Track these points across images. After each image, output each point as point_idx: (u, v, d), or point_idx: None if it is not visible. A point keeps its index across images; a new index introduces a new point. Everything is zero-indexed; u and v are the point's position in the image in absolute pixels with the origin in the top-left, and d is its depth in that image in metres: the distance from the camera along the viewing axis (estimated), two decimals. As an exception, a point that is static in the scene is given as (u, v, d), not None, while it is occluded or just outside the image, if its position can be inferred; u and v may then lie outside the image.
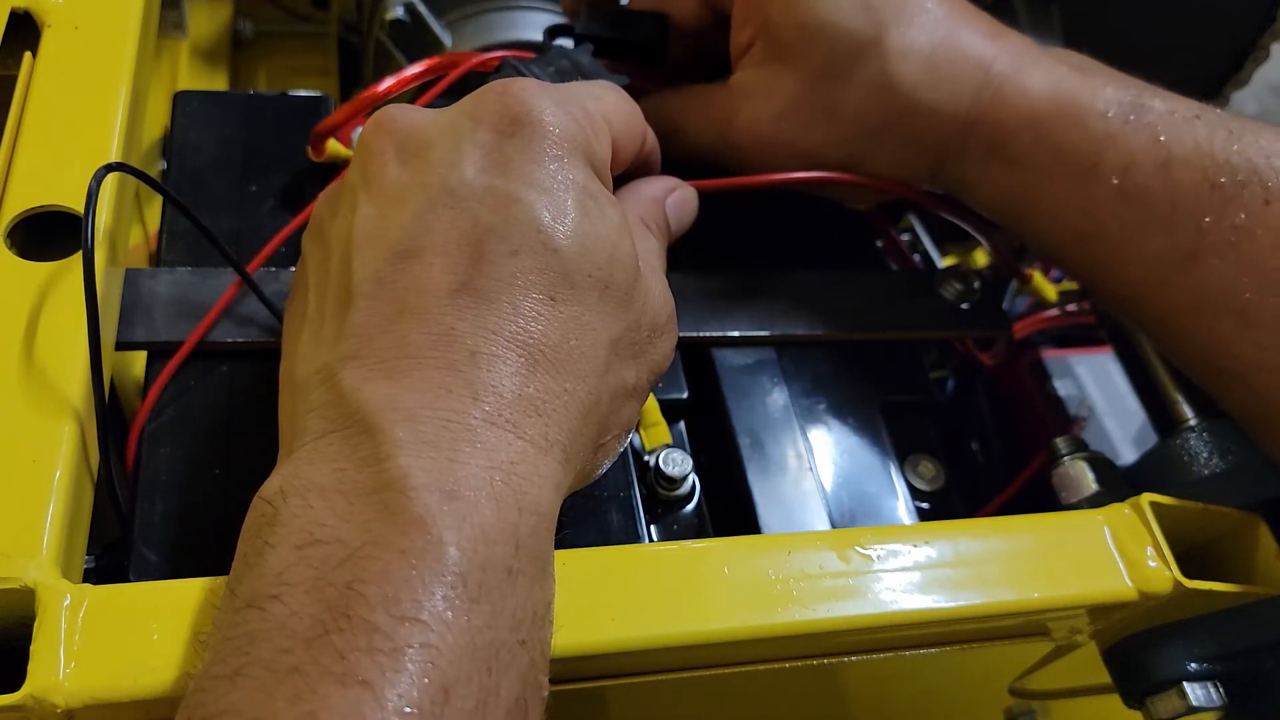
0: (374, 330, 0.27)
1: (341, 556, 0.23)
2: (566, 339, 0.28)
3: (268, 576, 0.23)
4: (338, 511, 0.24)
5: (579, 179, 0.30)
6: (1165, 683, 0.36)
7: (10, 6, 0.38)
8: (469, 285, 0.27)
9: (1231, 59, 0.59)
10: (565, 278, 0.28)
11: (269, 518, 0.25)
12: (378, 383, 0.26)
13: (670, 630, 0.29)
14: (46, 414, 0.30)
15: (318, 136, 0.41)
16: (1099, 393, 0.55)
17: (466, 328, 0.26)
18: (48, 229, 0.33)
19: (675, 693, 0.33)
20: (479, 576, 0.23)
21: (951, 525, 0.34)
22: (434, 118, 0.31)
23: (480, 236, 0.28)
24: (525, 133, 0.30)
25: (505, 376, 0.26)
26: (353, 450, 0.25)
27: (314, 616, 0.22)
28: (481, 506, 0.24)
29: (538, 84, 0.31)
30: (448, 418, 0.25)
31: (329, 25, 0.73)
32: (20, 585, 0.26)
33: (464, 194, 0.28)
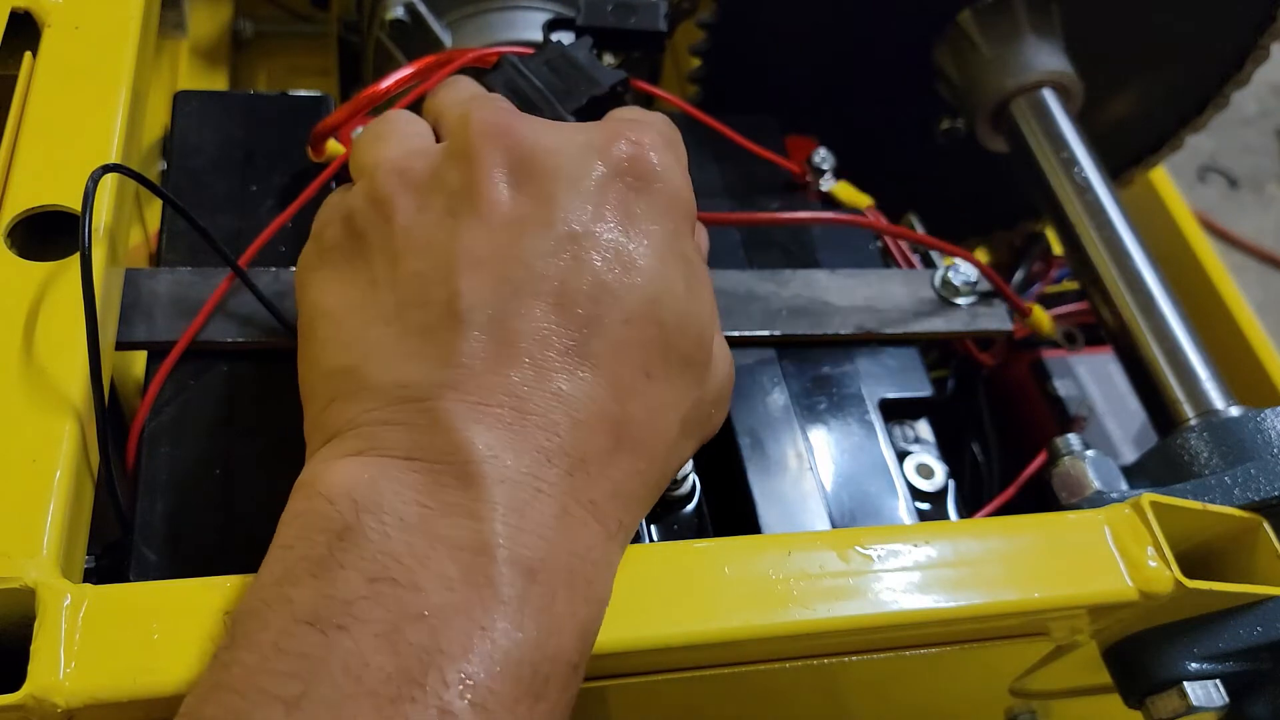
0: (481, 368, 0.26)
1: (419, 610, 0.22)
2: (651, 418, 0.27)
3: (336, 602, 0.22)
4: (417, 554, 0.23)
5: (688, 252, 0.29)
6: (1165, 683, 0.36)
7: (10, 6, 0.38)
8: (581, 348, 0.26)
9: (1231, 59, 0.59)
10: (663, 354, 0.28)
11: (338, 527, 0.24)
12: (480, 429, 0.25)
13: (670, 630, 0.29)
14: (46, 414, 0.30)
15: (318, 136, 0.41)
16: (1099, 393, 0.55)
17: (572, 393, 0.26)
18: (48, 229, 0.33)
19: (675, 693, 0.33)
20: (547, 670, 0.23)
21: (951, 525, 0.34)
22: (558, 141, 0.29)
23: (598, 295, 0.27)
24: (653, 192, 0.29)
25: (596, 454, 0.26)
26: (440, 490, 0.24)
27: (386, 672, 0.21)
28: (558, 596, 0.24)
29: (663, 136, 0.30)
30: (542, 489, 0.25)
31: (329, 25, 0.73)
32: (20, 585, 0.26)
33: (588, 245, 0.27)
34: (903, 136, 0.61)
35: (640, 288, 0.27)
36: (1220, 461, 0.39)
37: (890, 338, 0.45)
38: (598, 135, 0.30)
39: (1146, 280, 0.46)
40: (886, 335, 0.44)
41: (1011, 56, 0.52)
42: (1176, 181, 0.71)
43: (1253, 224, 1.59)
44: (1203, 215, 1.51)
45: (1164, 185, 0.70)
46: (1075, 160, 0.50)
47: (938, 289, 0.46)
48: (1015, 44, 0.53)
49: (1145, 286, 0.45)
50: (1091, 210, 0.48)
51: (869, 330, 0.44)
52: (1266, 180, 1.65)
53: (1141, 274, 0.46)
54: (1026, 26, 0.53)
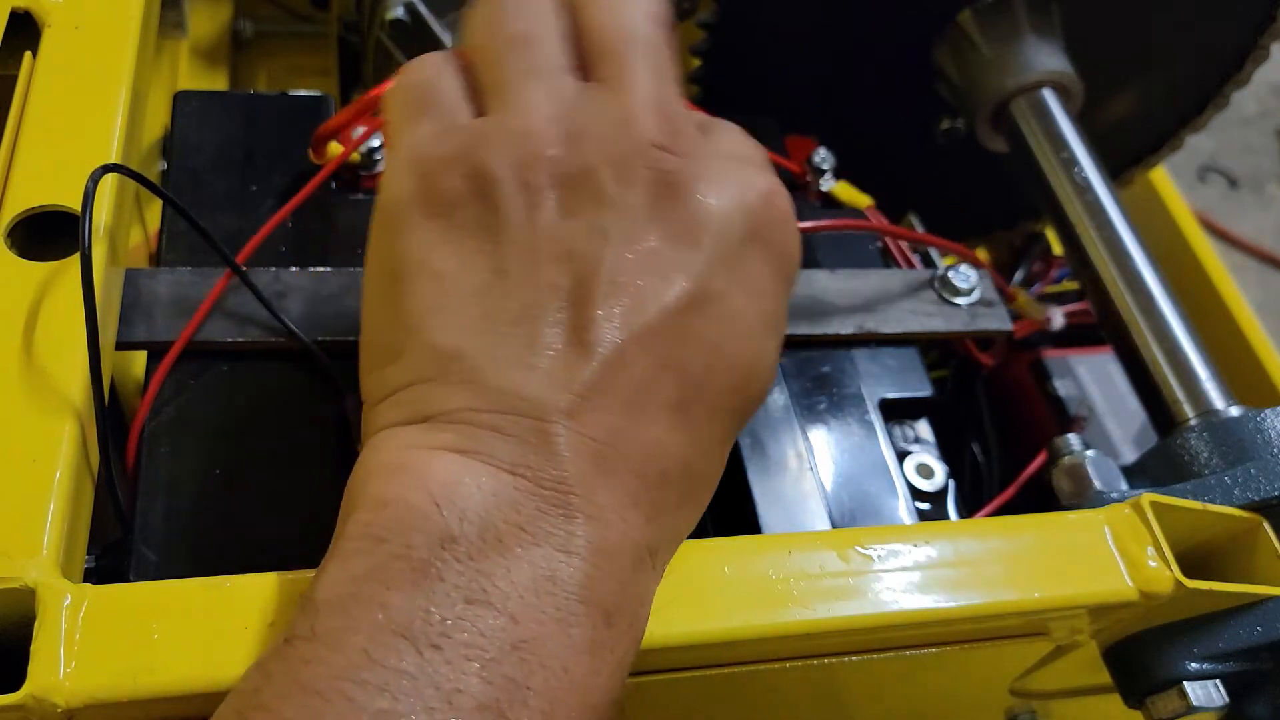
0: (595, 403, 0.25)
1: (510, 639, 0.22)
2: (713, 472, 0.28)
3: (433, 618, 0.22)
4: (514, 581, 0.23)
5: (784, 321, 0.30)
6: (1166, 683, 0.36)
7: (10, 6, 0.38)
8: (683, 406, 0.27)
9: (1231, 59, 0.59)
10: (740, 420, 0.29)
11: (440, 534, 0.23)
12: (584, 463, 0.25)
13: (670, 630, 0.29)
14: (46, 414, 0.30)
15: (319, 139, 0.41)
16: (1099, 392, 0.55)
17: (665, 446, 0.26)
18: (48, 229, 0.33)
19: (675, 693, 0.33)
20: (604, 711, 0.24)
21: (951, 525, 0.34)
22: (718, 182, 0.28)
23: (713, 360, 0.27)
24: (782, 264, 0.29)
25: (669, 505, 0.26)
26: (540, 517, 0.24)
27: (477, 700, 0.21)
28: (624, 638, 0.24)
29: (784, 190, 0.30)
30: (627, 532, 0.25)
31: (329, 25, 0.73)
32: (20, 585, 0.26)
33: (719, 306, 0.27)
34: (903, 136, 0.61)
35: (748, 362, 0.28)
36: (1220, 461, 0.39)
37: (890, 338, 0.45)
38: (750, 190, 0.29)
39: (1146, 280, 0.46)
40: (886, 335, 0.44)
41: (1011, 56, 0.52)
42: (1176, 181, 0.71)
43: (1253, 224, 1.59)
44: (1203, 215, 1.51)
45: (1164, 185, 0.70)
46: (1075, 160, 0.50)
47: (938, 289, 0.46)
48: (1015, 44, 0.53)
49: (1145, 286, 0.45)
50: (1091, 210, 0.48)
51: (869, 330, 0.44)
52: (1266, 180, 1.65)
53: (1141, 274, 0.46)
54: (1026, 26, 0.53)
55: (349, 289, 0.39)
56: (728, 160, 0.30)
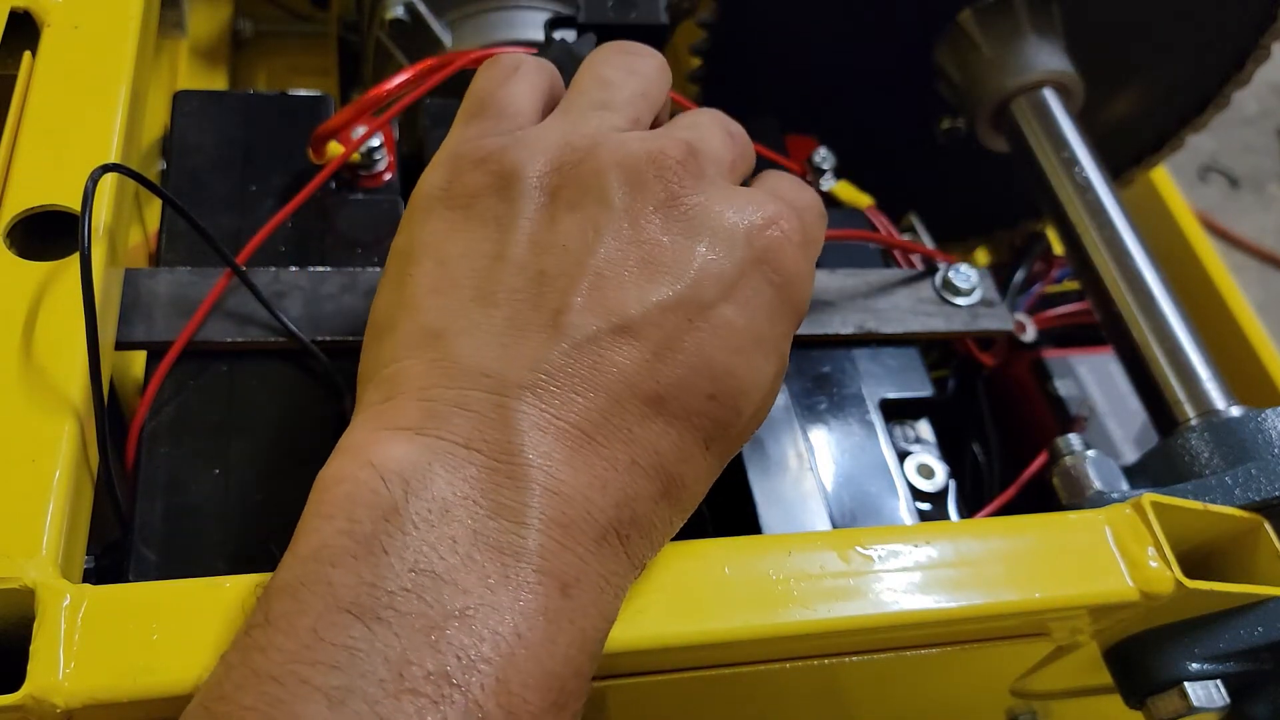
0: (562, 383, 0.26)
1: (458, 607, 0.22)
2: (697, 483, 0.28)
3: (378, 591, 0.22)
4: (461, 550, 0.23)
5: (785, 354, 0.30)
6: (1166, 683, 0.36)
7: (10, 6, 0.38)
8: (661, 402, 0.27)
9: (1232, 59, 0.59)
10: (727, 437, 0.29)
11: (385, 507, 0.23)
12: (544, 438, 0.25)
13: (670, 630, 0.29)
14: (46, 414, 0.30)
15: (319, 139, 0.41)
16: (1100, 392, 0.55)
17: (640, 438, 0.27)
18: (47, 229, 0.33)
19: (675, 693, 0.33)
20: (568, 683, 0.24)
21: (952, 525, 0.34)
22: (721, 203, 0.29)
23: (696, 363, 0.27)
24: (779, 289, 0.30)
25: (643, 498, 0.27)
26: (493, 490, 0.24)
27: (426, 670, 0.21)
28: (586, 614, 0.24)
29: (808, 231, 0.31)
30: (589, 511, 0.25)
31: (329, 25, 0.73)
32: (20, 585, 0.26)
33: (707, 315, 0.28)
34: (903, 136, 0.61)
35: (735, 373, 0.28)
36: (1221, 461, 0.39)
37: (890, 338, 0.45)
38: (758, 213, 0.30)
39: (1147, 280, 0.46)
40: (887, 335, 0.44)
41: (1012, 56, 0.52)
42: (1177, 181, 0.71)
43: (1253, 224, 1.59)
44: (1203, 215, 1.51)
45: (1165, 185, 0.70)
46: (1076, 160, 0.50)
47: (938, 289, 0.46)
48: (1016, 44, 0.53)
49: (1146, 286, 0.45)
50: (1092, 210, 0.48)
51: (869, 330, 0.44)
52: (1267, 180, 1.65)
53: (1142, 274, 0.46)
54: (1027, 26, 0.53)
55: (348, 289, 0.39)
56: (750, 191, 0.31)
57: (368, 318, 0.31)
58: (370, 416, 0.27)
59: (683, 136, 0.31)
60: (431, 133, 0.46)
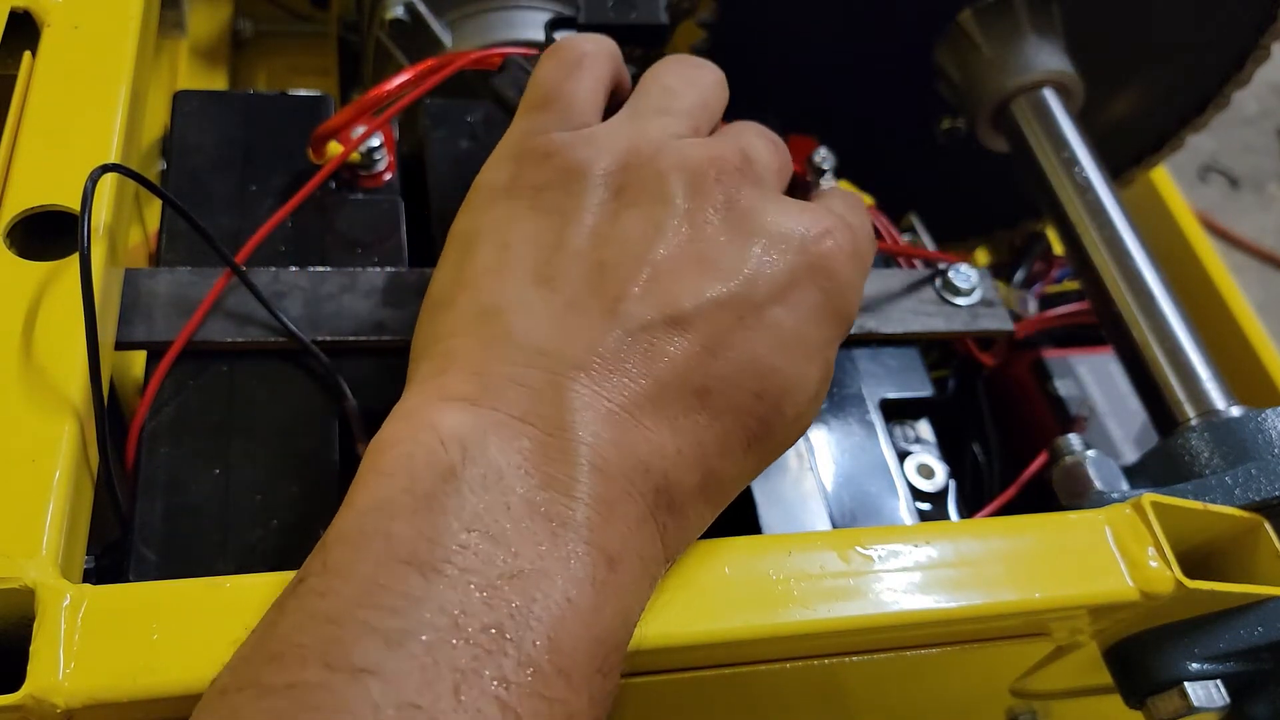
0: (614, 366, 0.27)
1: (511, 568, 0.23)
2: (733, 482, 0.29)
3: (436, 546, 0.23)
4: (514, 515, 0.24)
5: (831, 361, 0.31)
6: (1166, 683, 0.36)
7: (10, 6, 0.38)
8: (707, 394, 0.28)
9: (1232, 59, 0.59)
10: (768, 438, 0.29)
11: (443, 467, 0.24)
12: (594, 417, 0.26)
13: (670, 630, 0.29)
14: (46, 414, 0.30)
15: (319, 139, 0.41)
16: (1100, 392, 0.55)
17: (683, 427, 0.27)
18: (47, 229, 0.33)
19: (675, 693, 0.33)
20: (609, 653, 0.24)
21: (952, 525, 0.34)
22: (780, 210, 0.31)
23: (743, 361, 0.28)
24: (828, 294, 0.30)
25: (682, 489, 0.27)
26: (545, 461, 0.25)
27: (481, 623, 0.22)
28: (629, 589, 0.25)
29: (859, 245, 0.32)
30: (631, 493, 0.26)
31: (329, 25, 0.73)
32: (20, 585, 0.26)
33: (758, 316, 0.29)
34: (903, 136, 0.61)
35: (781, 373, 0.29)
36: (1221, 461, 0.39)
37: (890, 338, 0.45)
38: (815, 223, 0.31)
39: (1147, 280, 0.46)
40: (887, 335, 0.44)
41: (1012, 56, 0.52)
42: (1177, 181, 0.71)
43: (1253, 224, 1.59)
44: (1203, 215, 1.51)
45: (1165, 185, 0.70)
46: (1076, 160, 0.50)
47: (938, 289, 0.46)
48: (1016, 44, 0.53)
49: (1146, 286, 0.45)
50: (1092, 210, 0.48)
51: (869, 330, 0.44)
52: (1267, 180, 1.65)
53: (1142, 274, 0.46)
54: (1027, 26, 0.53)
55: (348, 289, 0.39)
56: (806, 203, 0.32)
57: (425, 296, 0.31)
58: (426, 388, 0.27)
59: (738, 144, 0.32)
60: (432, 132, 0.46)
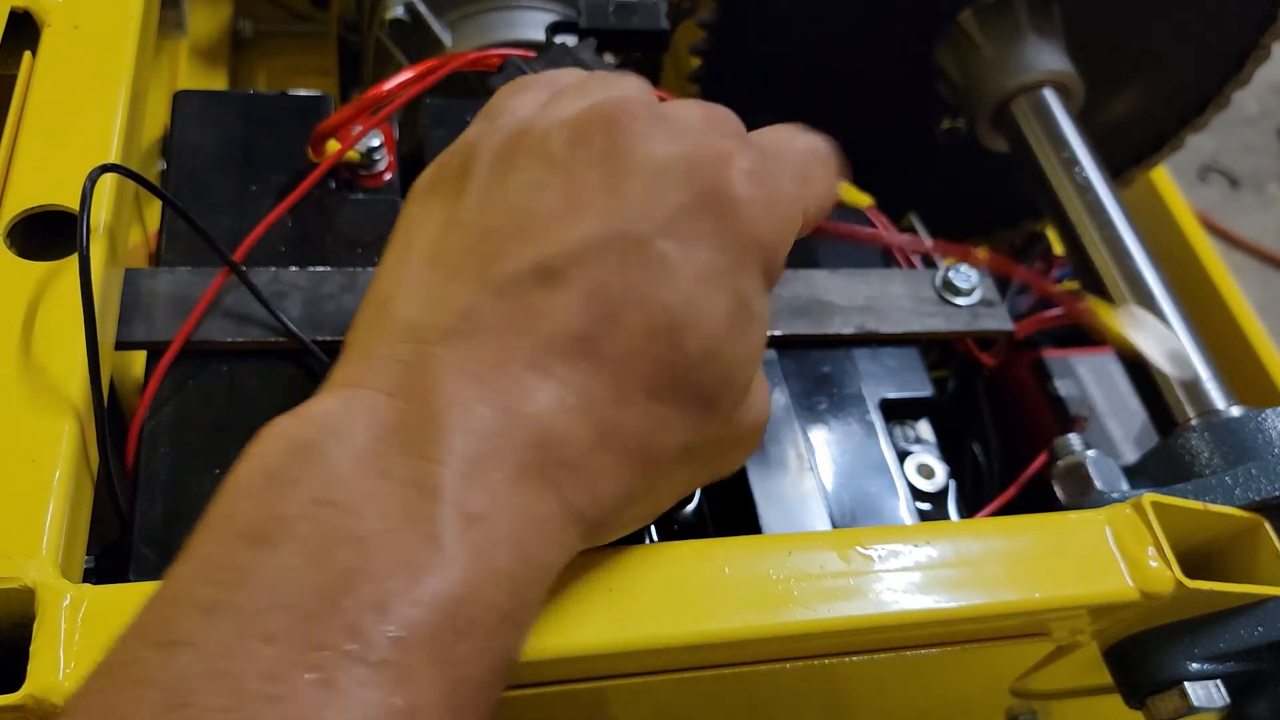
0: (484, 326, 0.26)
1: (351, 533, 0.22)
2: (646, 434, 0.27)
3: (275, 519, 0.23)
4: (365, 483, 0.23)
5: (747, 292, 0.28)
6: (1166, 683, 0.36)
7: (10, 6, 0.38)
8: (589, 340, 0.26)
9: (1232, 58, 0.59)
10: (676, 381, 0.27)
11: (299, 442, 0.24)
12: (461, 379, 0.25)
13: (670, 630, 0.29)
14: (46, 414, 0.30)
15: (318, 137, 0.41)
16: (1100, 392, 0.55)
17: (564, 377, 0.26)
18: (47, 228, 0.33)
19: (675, 693, 0.33)
20: (471, 613, 0.23)
21: (952, 525, 0.34)
22: (662, 140, 0.29)
23: (627, 299, 0.27)
24: (721, 218, 0.28)
25: (574, 441, 0.26)
26: (405, 430, 0.25)
27: (305, 589, 0.22)
28: (498, 547, 0.24)
29: (761, 159, 0.29)
30: (503, 447, 0.25)
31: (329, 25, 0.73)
32: (20, 585, 0.26)
33: (639, 249, 0.27)
34: (903, 136, 0.61)
35: (673, 307, 0.27)
36: (1221, 461, 0.39)
37: (890, 338, 0.45)
38: (701, 149, 0.29)
39: (1147, 280, 0.46)
40: (887, 335, 0.44)
41: (1012, 56, 0.52)
42: (1177, 181, 0.71)
43: (1253, 224, 1.59)
44: (1203, 215, 1.51)
45: (1165, 185, 0.70)
46: (1076, 160, 0.50)
47: (938, 289, 0.46)
48: (1016, 44, 0.53)
49: (1146, 286, 0.45)
50: (1092, 210, 0.48)
51: (869, 330, 0.44)
52: (1267, 180, 1.65)
53: (1142, 274, 0.46)
54: (1027, 26, 0.53)
55: (348, 289, 0.39)
56: (695, 128, 0.30)
57: None
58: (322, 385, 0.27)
59: (627, 90, 0.30)
60: (431, 132, 0.46)
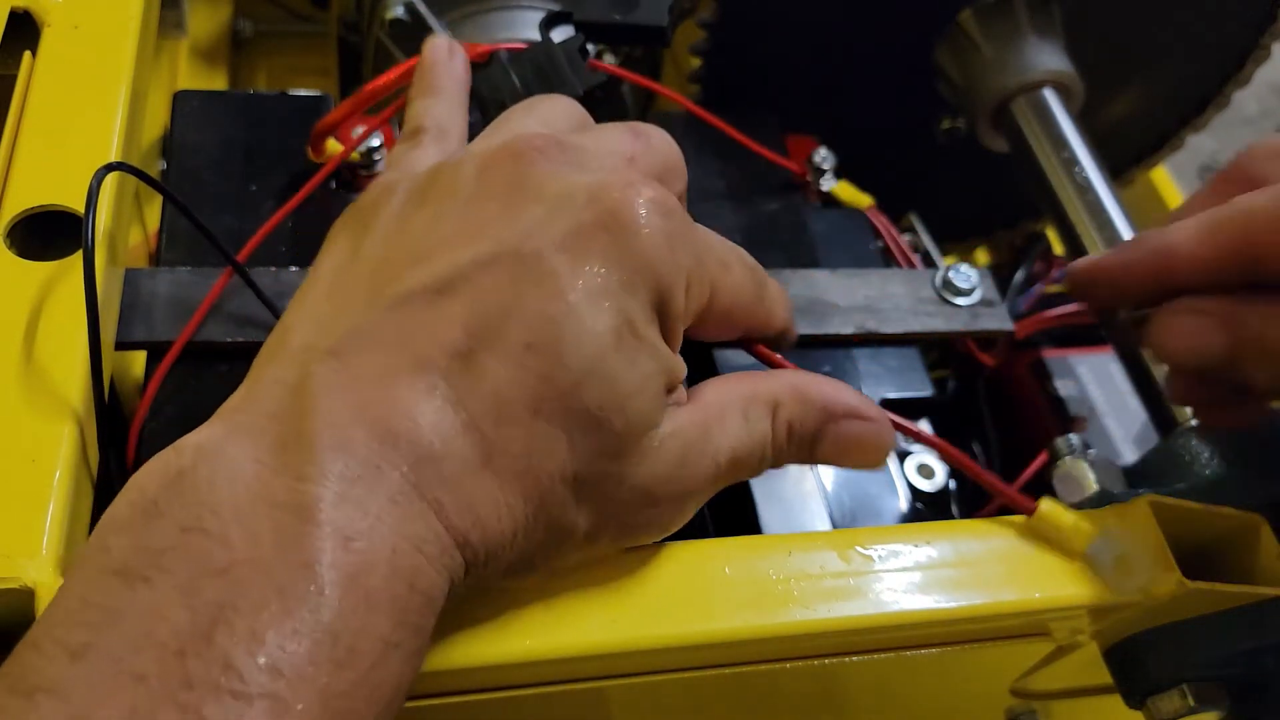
0: (366, 344, 0.26)
1: (221, 563, 0.22)
2: (529, 455, 0.26)
3: (147, 552, 0.22)
4: (238, 508, 0.23)
5: (633, 313, 0.28)
6: (1167, 683, 0.36)
7: (10, 6, 0.38)
8: (470, 354, 0.26)
9: (1232, 58, 0.59)
10: (561, 398, 0.26)
11: (173, 472, 0.24)
12: (337, 398, 0.25)
13: (670, 630, 0.29)
14: (46, 414, 0.30)
15: (317, 135, 0.41)
16: (1100, 392, 0.55)
17: (445, 393, 0.25)
18: (47, 229, 0.33)
19: (676, 693, 0.33)
20: (351, 642, 0.22)
21: (952, 525, 0.34)
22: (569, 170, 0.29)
23: (510, 312, 0.26)
24: (617, 237, 0.27)
25: (453, 460, 0.25)
26: (282, 450, 0.24)
27: (176, 626, 0.21)
28: (376, 570, 0.23)
29: (670, 199, 0.29)
30: (381, 468, 0.24)
31: (329, 25, 0.73)
32: (20, 585, 0.26)
33: (526, 264, 0.27)
34: (903, 136, 0.61)
35: (556, 319, 0.26)
36: (1221, 461, 0.39)
37: (890, 338, 0.45)
38: (606, 178, 0.29)
39: (1147, 280, 0.46)
40: (887, 335, 0.44)
41: (1012, 56, 0.52)
42: (1177, 181, 0.70)
43: (1253, 224, 1.58)
44: (1203, 215, 1.50)
45: (1165, 185, 0.70)
46: (1076, 160, 0.50)
47: (938, 289, 0.46)
48: (1016, 44, 0.53)
49: (1146, 286, 0.45)
50: (1092, 210, 0.48)
51: (869, 330, 0.44)
52: (1267, 180, 1.65)
53: (1142, 274, 0.46)
54: (1027, 26, 0.53)
55: (349, 289, 0.39)
56: (607, 162, 0.30)
57: None
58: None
59: (542, 132, 0.30)
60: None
